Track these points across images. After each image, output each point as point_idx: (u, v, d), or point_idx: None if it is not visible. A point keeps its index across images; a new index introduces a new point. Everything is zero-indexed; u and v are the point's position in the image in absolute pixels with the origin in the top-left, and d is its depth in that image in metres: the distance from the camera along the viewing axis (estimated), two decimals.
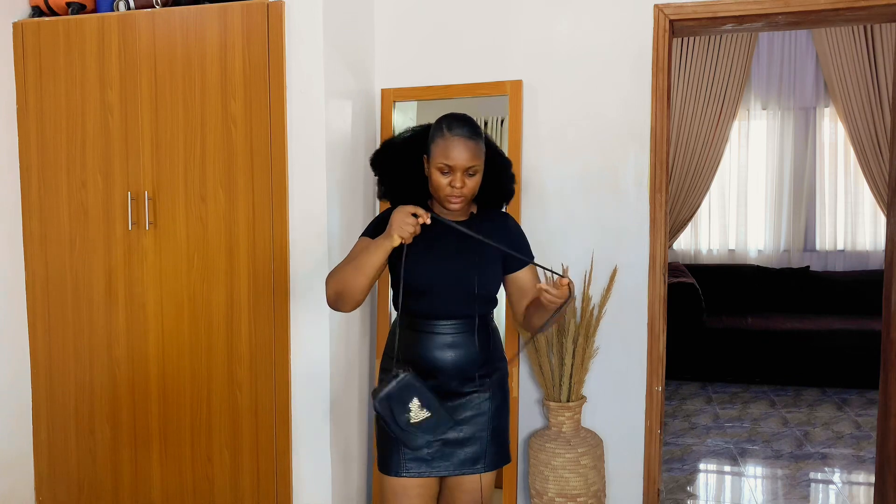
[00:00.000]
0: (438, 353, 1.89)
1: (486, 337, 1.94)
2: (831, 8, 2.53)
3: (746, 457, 3.76)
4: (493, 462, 1.95)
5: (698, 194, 5.74)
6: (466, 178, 1.81)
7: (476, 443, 1.92)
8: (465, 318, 1.89)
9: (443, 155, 1.79)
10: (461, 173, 1.80)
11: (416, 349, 1.91)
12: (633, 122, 2.72)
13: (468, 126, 1.82)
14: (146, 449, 2.64)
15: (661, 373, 2.77)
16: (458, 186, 1.80)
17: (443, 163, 1.80)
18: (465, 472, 1.93)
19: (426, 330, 1.90)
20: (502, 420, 1.98)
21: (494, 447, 1.95)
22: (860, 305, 5.26)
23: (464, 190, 1.81)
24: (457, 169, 1.79)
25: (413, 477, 1.91)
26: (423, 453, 1.90)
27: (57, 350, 2.69)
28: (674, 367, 4.64)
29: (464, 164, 1.79)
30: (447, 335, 1.89)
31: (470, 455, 1.92)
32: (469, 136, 1.80)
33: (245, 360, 2.52)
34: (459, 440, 1.92)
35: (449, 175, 1.80)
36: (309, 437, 2.52)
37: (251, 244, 2.48)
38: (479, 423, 1.93)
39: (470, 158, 1.79)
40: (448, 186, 1.81)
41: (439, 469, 1.92)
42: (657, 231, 2.72)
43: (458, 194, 1.81)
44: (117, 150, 2.57)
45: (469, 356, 1.90)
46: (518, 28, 2.81)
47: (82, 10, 2.64)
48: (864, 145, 5.38)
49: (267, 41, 2.42)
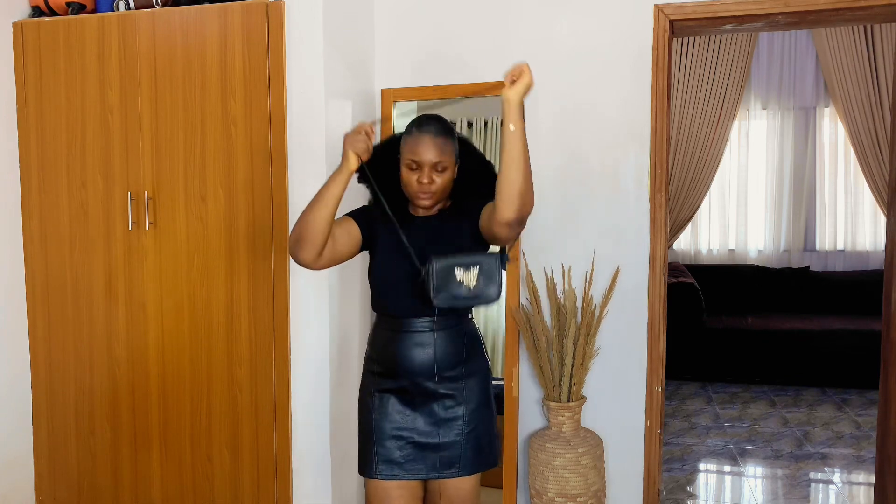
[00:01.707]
0: (411, 352, 1.88)
1: (460, 335, 1.92)
2: (831, 8, 2.53)
3: (746, 457, 3.76)
4: (471, 466, 1.92)
5: (698, 194, 5.74)
6: (435, 174, 1.83)
7: (451, 447, 1.90)
8: (433, 315, 1.86)
9: (411, 151, 1.82)
10: (428, 169, 1.82)
11: (391, 348, 1.90)
12: (633, 122, 2.72)
13: (436, 124, 1.85)
14: (146, 449, 2.64)
15: (661, 373, 2.77)
16: (426, 182, 1.82)
17: (410, 159, 1.82)
18: (441, 475, 1.91)
19: (398, 329, 1.89)
20: (481, 423, 1.93)
21: (472, 451, 1.91)
22: (860, 305, 5.26)
23: (432, 186, 1.82)
24: (423, 164, 1.81)
25: (385, 479, 1.90)
26: (395, 455, 1.90)
27: (57, 350, 2.69)
28: (674, 367, 4.63)
29: (431, 159, 1.81)
30: (418, 333, 1.88)
31: (445, 459, 1.90)
32: (436, 134, 1.82)
33: (245, 360, 2.52)
34: (434, 444, 1.90)
35: (417, 171, 1.83)
36: (309, 437, 2.52)
37: (251, 244, 2.48)
38: (454, 427, 1.90)
39: (437, 154, 1.81)
40: (416, 183, 1.83)
41: (413, 472, 1.90)
42: (657, 231, 2.72)
43: (426, 190, 1.83)
44: (117, 150, 2.57)
45: (442, 355, 1.88)
46: (518, 28, 2.81)
47: (82, 10, 2.64)
48: (864, 145, 5.38)
49: (267, 41, 2.42)
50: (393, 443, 1.91)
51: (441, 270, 1.76)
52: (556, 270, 2.78)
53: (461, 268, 1.76)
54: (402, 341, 1.89)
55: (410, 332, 1.88)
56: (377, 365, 1.96)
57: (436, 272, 1.76)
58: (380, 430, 1.91)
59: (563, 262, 2.77)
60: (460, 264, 1.76)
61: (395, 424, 1.91)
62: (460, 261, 1.77)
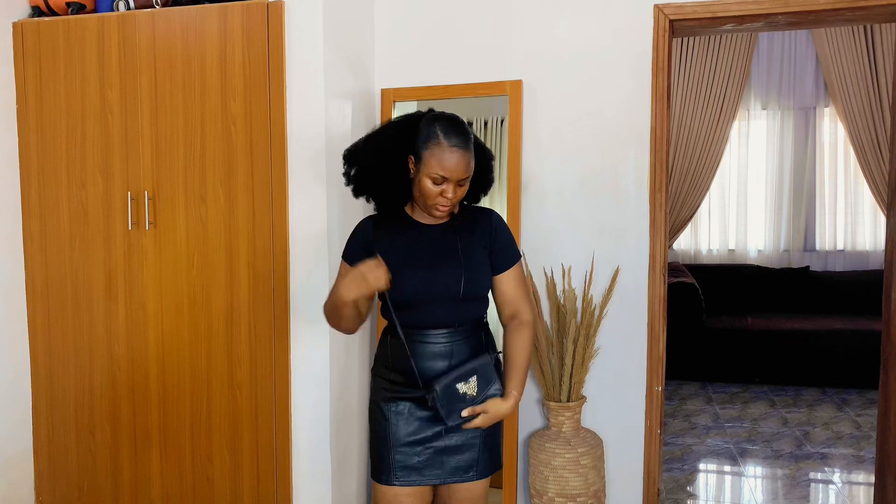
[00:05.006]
0: (430, 363, 1.83)
1: (479, 342, 1.89)
2: (831, 8, 2.53)
3: (746, 457, 3.76)
4: (486, 469, 1.91)
5: (698, 194, 5.74)
6: (459, 188, 1.76)
7: (468, 450, 1.88)
8: (454, 325, 1.84)
9: (438, 165, 1.72)
10: (454, 184, 1.74)
11: (406, 359, 1.83)
12: (633, 122, 2.72)
13: (464, 135, 1.75)
14: (146, 449, 2.64)
15: (661, 373, 2.77)
16: (451, 196, 1.75)
17: (437, 173, 1.73)
18: (457, 480, 1.88)
19: (415, 339, 1.83)
20: (495, 426, 1.92)
21: (487, 454, 1.91)
22: (860, 305, 5.26)
23: (451, 200, 1.76)
24: (451, 180, 1.74)
25: (404, 486, 1.87)
26: (413, 461, 1.86)
27: (57, 350, 2.69)
28: (674, 367, 4.64)
29: (460, 175, 1.74)
30: (437, 344, 1.83)
31: (462, 463, 1.88)
32: (466, 147, 1.74)
33: (245, 360, 2.52)
34: (451, 447, 1.88)
35: (441, 185, 1.74)
36: (309, 437, 2.52)
37: (251, 244, 2.48)
38: (471, 431, 1.88)
39: (466, 170, 1.74)
40: (439, 196, 1.75)
41: (431, 477, 1.87)
42: (657, 231, 2.72)
43: (448, 204, 1.77)
44: (117, 150, 2.57)
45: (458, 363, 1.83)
46: (518, 28, 2.81)
47: (82, 10, 2.64)
48: (864, 145, 5.38)
49: (267, 41, 2.42)
50: (410, 449, 1.87)
51: (444, 392, 1.77)
52: (556, 270, 2.78)
53: (461, 381, 1.79)
54: (420, 351, 1.83)
55: (430, 343, 1.83)
56: (393, 373, 1.90)
57: (440, 396, 1.77)
58: (396, 436, 1.87)
59: (563, 262, 2.77)
60: (459, 379, 1.79)
61: (413, 430, 1.87)
62: (458, 374, 1.79)
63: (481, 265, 1.85)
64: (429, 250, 1.83)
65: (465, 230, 1.85)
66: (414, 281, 1.80)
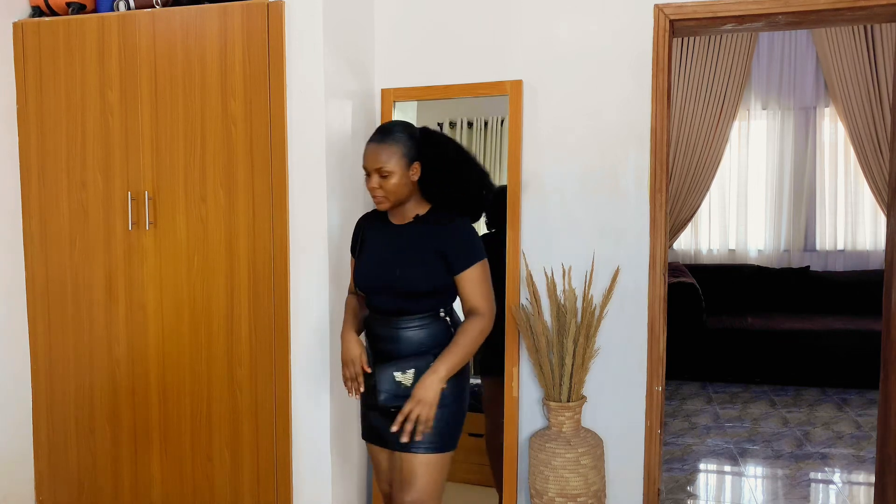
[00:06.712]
0: (380, 345, 2.08)
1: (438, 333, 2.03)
2: (831, 8, 2.52)
3: (746, 457, 3.76)
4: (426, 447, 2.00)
5: (698, 194, 5.74)
6: (381, 179, 1.99)
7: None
8: (399, 314, 2.04)
9: (363, 159, 2.04)
10: (375, 175, 1.99)
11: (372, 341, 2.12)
12: (633, 123, 2.72)
13: (384, 132, 2.02)
14: (146, 449, 2.64)
15: (661, 373, 2.77)
16: (375, 187, 2.00)
17: (363, 166, 2.04)
18: (401, 450, 2.02)
19: (371, 321, 2.12)
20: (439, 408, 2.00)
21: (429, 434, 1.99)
22: (860, 305, 5.26)
23: (379, 191, 2.00)
24: (369, 171, 2.01)
25: (368, 442, 2.17)
26: (377, 422, 2.09)
27: (57, 350, 2.69)
28: (674, 367, 4.63)
29: (371, 165, 2.00)
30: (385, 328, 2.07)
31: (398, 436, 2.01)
32: (378, 141, 2.00)
33: (245, 359, 2.52)
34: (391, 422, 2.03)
35: (370, 177, 2.01)
36: (309, 437, 2.52)
37: (251, 244, 2.48)
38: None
39: (375, 161, 1.99)
40: (370, 187, 2.02)
41: (387, 443, 2.08)
42: (657, 231, 2.72)
43: (376, 195, 2.01)
44: (117, 150, 2.57)
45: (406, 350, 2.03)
46: (518, 28, 2.81)
47: (82, 10, 2.64)
48: (864, 145, 5.38)
49: (267, 41, 2.42)
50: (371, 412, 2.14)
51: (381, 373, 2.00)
52: (556, 270, 2.78)
53: (398, 371, 2.00)
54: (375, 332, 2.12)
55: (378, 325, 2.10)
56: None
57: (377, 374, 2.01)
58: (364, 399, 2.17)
59: (563, 262, 2.77)
60: (398, 368, 2.00)
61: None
62: (399, 364, 2.01)
63: (426, 264, 2.02)
64: (388, 247, 2.08)
65: (424, 233, 2.05)
66: (365, 271, 2.10)
